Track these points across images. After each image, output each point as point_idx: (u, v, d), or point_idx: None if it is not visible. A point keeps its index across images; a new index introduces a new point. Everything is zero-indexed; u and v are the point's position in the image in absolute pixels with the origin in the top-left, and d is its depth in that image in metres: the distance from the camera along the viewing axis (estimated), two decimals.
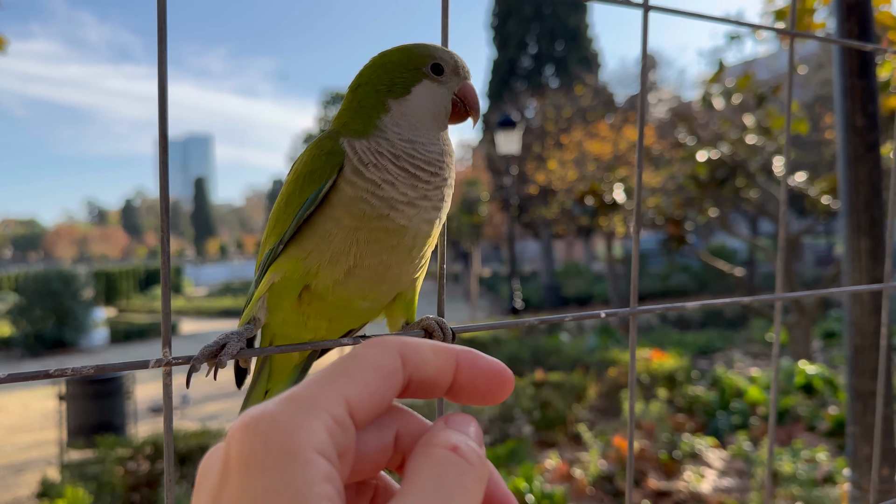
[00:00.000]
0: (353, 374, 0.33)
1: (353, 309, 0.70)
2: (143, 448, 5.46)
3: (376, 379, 0.33)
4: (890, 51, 0.90)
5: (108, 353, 15.78)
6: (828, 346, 10.32)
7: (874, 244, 2.48)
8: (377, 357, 0.34)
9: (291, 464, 0.28)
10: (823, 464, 4.88)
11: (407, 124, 0.66)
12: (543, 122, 18.33)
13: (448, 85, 0.67)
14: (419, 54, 0.66)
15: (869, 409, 2.50)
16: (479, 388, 0.37)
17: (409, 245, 0.66)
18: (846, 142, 2.55)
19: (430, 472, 0.31)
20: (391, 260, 0.66)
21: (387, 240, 0.65)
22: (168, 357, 0.54)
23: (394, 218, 0.64)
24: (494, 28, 27.17)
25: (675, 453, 5.33)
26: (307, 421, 0.30)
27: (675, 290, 20.22)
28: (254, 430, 0.29)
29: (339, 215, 0.64)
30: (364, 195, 0.64)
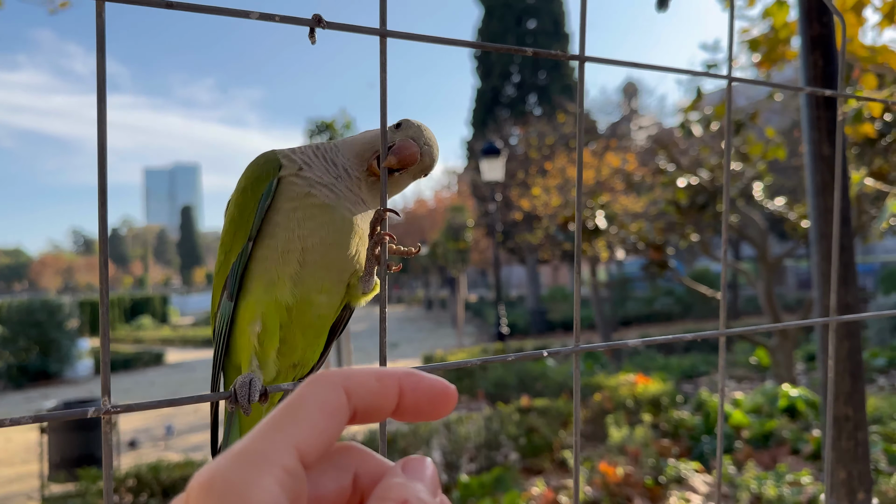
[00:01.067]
0: (300, 418, 0.33)
1: (315, 307, 0.79)
2: (125, 481, 5.40)
3: (322, 419, 0.33)
4: (839, 94, 0.95)
5: (92, 384, 15.60)
6: (810, 370, 10.37)
7: (844, 270, 2.54)
8: (321, 396, 0.34)
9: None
10: (807, 487, 4.90)
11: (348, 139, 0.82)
12: (527, 150, 18.48)
13: (395, 135, 0.79)
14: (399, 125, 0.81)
15: (844, 433, 2.54)
16: (423, 407, 0.38)
17: (339, 225, 0.77)
18: (814, 170, 2.62)
19: None
20: (330, 238, 0.77)
21: (320, 216, 0.76)
22: (107, 405, 0.54)
23: (316, 195, 0.77)
24: (478, 58, 27.46)
25: (661, 478, 5.34)
26: (259, 478, 0.30)
27: (659, 314, 20.29)
28: (209, 489, 0.30)
29: (280, 203, 0.77)
30: (292, 178, 0.77)
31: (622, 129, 21.48)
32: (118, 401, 0.57)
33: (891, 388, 8.85)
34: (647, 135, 16.55)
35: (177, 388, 13.86)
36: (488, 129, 23.98)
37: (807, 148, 2.63)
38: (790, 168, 12.72)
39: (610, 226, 8.81)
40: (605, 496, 5.08)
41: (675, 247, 9.41)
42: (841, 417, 2.52)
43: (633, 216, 10.92)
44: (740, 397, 7.48)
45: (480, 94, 27.04)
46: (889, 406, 6.77)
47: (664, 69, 0.69)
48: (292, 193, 0.77)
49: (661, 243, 8.21)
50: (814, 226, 2.62)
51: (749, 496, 4.90)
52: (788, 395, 6.89)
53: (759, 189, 7.98)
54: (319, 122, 12.66)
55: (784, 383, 7.43)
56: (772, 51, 4.25)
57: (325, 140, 9.09)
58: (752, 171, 7.89)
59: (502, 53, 26.70)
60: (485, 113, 26.33)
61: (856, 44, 3.91)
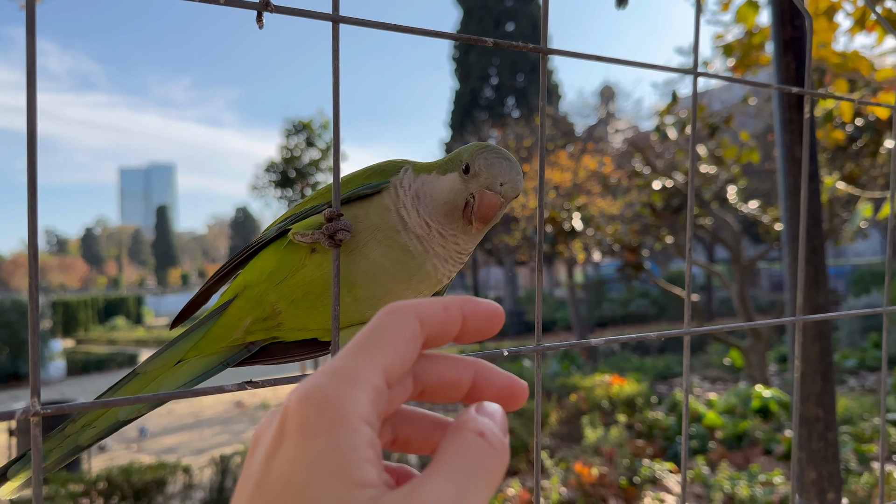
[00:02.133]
0: (384, 343, 0.37)
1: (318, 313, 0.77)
2: (96, 483, 5.31)
3: (402, 345, 0.38)
4: (807, 92, 0.95)
5: (64, 386, 15.38)
6: (783, 371, 10.49)
7: (815, 272, 2.55)
8: (400, 324, 0.38)
9: (340, 431, 0.33)
10: (779, 487, 4.95)
11: (428, 189, 0.75)
12: None
13: (469, 185, 0.72)
14: (467, 152, 0.74)
15: (814, 434, 2.55)
16: (482, 327, 0.42)
17: (412, 271, 0.74)
18: (786, 173, 2.64)
19: (458, 452, 0.36)
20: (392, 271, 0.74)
21: (394, 250, 0.73)
22: (36, 407, 0.51)
23: (405, 238, 0.73)
24: (456, 60, 27.50)
25: (635, 479, 5.36)
26: (354, 392, 0.34)
27: (634, 315, 20.43)
28: (309, 401, 0.34)
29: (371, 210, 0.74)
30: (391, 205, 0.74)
31: (599, 132, 21.60)
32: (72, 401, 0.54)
33: (861, 389, 8.98)
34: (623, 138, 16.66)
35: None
36: (466, 131, 23.99)
37: (779, 150, 2.64)
38: (764, 172, 12.87)
39: (586, 228, 8.84)
40: (580, 497, 5.09)
41: (651, 249, 9.47)
42: (811, 418, 2.53)
43: (609, 218, 10.97)
44: (714, 398, 7.53)
45: (459, 96, 27.07)
46: (859, 407, 6.86)
47: (628, 63, 0.68)
48: (385, 217, 0.74)
49: (636, 245, 8.26)
50: (786, 228, 2.64)
51: (722, 496, 4.93)
52: (761, 396, 6.95)
53: (733, 192, 8.05)
54: (297, 123, 12.61)
55: (757, 384, 7.50)
56: (745, 56, 4.29)
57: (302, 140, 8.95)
58: (727, 174, 7.97)
59: (481, 55, 26.75)
60: (463, 115, 26.36)
61: (828, 49, 3.95)
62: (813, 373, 2.54)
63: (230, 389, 0.57)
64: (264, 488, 0.34)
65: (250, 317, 0.77)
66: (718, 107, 10.34)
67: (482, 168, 0.71)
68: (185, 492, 5.59)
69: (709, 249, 20.14)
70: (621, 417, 6.70)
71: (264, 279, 0.76)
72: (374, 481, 0.33)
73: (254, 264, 0.79)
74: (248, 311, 0.77)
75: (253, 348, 0.82)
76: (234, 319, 0.78)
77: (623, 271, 8.46)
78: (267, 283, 0.75)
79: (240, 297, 0.78)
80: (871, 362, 10.36)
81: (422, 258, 0.74)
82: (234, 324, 0.78)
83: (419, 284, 0.76)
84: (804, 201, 0.87)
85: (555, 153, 15.07)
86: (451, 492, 0.34)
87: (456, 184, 0.73)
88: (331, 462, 0.33)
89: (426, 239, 0.73)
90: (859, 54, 3.92)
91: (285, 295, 0.75)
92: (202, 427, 9.93)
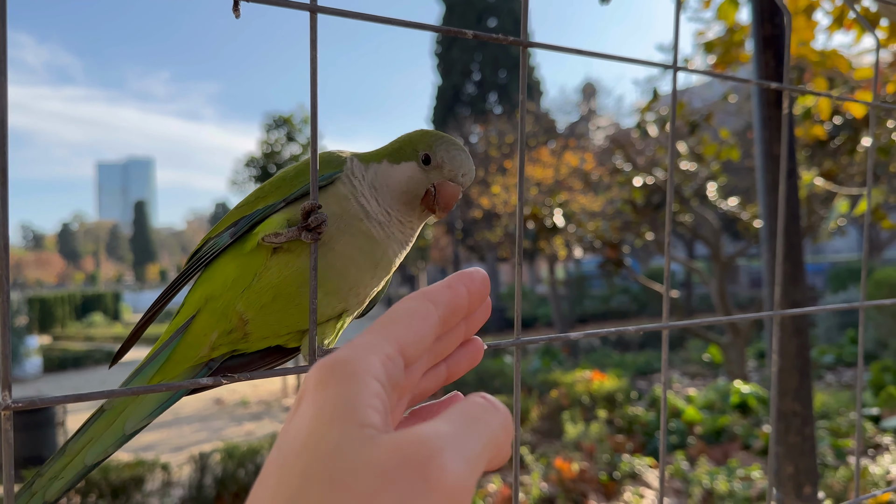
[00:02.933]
0: (395, 321, 0.41)
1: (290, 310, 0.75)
2: None
3: (415, 321, 0.41)
4: (785, 87, 0.95)
5: (40, 383, 15.20)
6: (762, 366, 10.59)
7: (792, 268, 2.57)
8: (409, 305, 0.42)
9: (349, 382, 0.36)
10: (758, 481, 5.00)
11: (384, 179, 0.75)
12: (487, 148, 18.52)
13: (430, 175, 0.74)
14: (423, 142, 0.75)
15: (791, 428, 2.57)
16: (482, 293, 0.47)
17: (377, 259, 0.74)
18: (765, 169, 2.66)
19: (459, 407, 0.39)
20: (359, 260, 0.73)
21: (359, 239, 0.73)
22: (7, 401, 0.50)
23: (368, 226, 0.73)
24: (439, 55, 27.46)
25: (615, 474, 5.39)
26: (366, 355, 0.38)
27: (615, 311, 20.53)
28: (324, 364, 0.38)
29: (329, 200, 0.73)
30: (349, 194, 0.74)
31: (580, 128, 21.67)
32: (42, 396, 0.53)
33: (838, 385, 9.09)
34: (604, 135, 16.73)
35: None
36: (449, 127, 23.98)
37: (758, 147, 2.66)
38: (743, 169, 12.98)
39: (568, 224, 8.87)
40: (561, 492, 5.11)
41: (631, 245, 9.52)
42: (789, 413, 2.56)
43: (590, 215, 11.02)
44: (693, 394, 7.59)
45: (441, 92, 27.04)
46: (836, 402, 6.94)
47: (608, 57, 0.68)
48: (346, 206, 0.74)
49: (617, 242, 8.30)
50: (765, 224, 2.66)
51: (701, 491, 4.97)
52: (740, 392, 7.01)
53: (713, 189, 8.11)
54: (277, 117, 12.52)
55: (736, 380, 7.57)
56: (726, 53, 4.32)
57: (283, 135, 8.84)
58: (707, 171, 8.02)
59: (463, 51, 26.73)
60: (445, 110, 26.34)
61: (807, 48, 3.98)
62: (791, 368, 2.57)
63: (206, 383, 0.56)
64: (281, 445, 0.36)
65: (216, 330, 0.75)
66: (699, 104, 10.42)
67: (445, 160, 0.73)
68: (164, 489, 5.54)
69: (689, 246, 20.29)
70: (601, 413, 6.73)
71: (227, 289, 0.73)
72: (376, 424, 0.35)
73: (211, 276, 0.76)
74: (213, 324, 0.75)
75: (213, 365, 0.79)
76: (199, 336, 0.76)
77: (604, 268, 8.49)
78: (231, 293, 0.73)
79: (203, 312, 0.75)
80: (849, 358, 10.49)
81: (384, 244, 0.74)
82: (200, 340, 0.76)
83: (382, 272, 0.76)
84: (782, 196, 0.87)
85: (537, 150, 15.11)
86: (447, 431, 0.35)
87: (415, 173, 0.74)
88: (337, 406, 0.35)
89: (387, 225, 0.74)
90: (838, 53, 3.95)
91: (253, 302, 0.72)
92: (181, 424, 9.85)
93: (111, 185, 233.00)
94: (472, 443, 0.36)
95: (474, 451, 0.36)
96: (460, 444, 0.35)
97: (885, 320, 9.97)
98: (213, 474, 5.60)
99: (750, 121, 14.65)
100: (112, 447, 0.75)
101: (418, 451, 0.34)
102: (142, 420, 0.76)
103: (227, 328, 0.75)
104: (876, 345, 10.24)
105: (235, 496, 5.50)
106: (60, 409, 7.09)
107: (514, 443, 0.61)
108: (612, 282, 22.06)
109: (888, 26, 3.31)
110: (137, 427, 0.77)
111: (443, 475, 0.33)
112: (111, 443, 0.75)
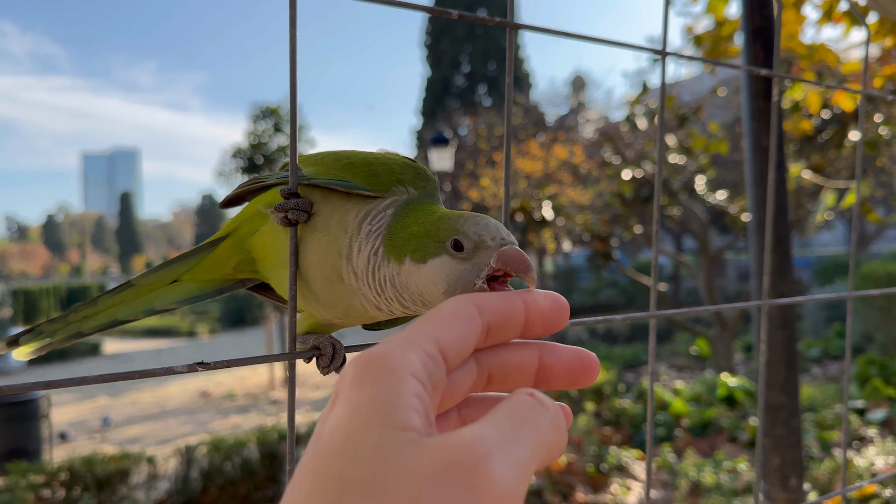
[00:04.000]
0: (437, 320, 0.40)
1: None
2: (57, 474, 5.21)
3: (456, 322, 0.40)
4: (775, 74, 0.93)
5: (25, 375, 15.11)
6: (748, 359, 10.66)
7: (780, 261, 2.58)
8: (453, 306, 0.41)
9: (387, 380, 0.35)
10: (744, 474, 5.02)
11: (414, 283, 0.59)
12: (476, 140, 18.50)
13: (473, 261, 0.56)
14: (443, 229, 0.58)
15: (778, 420, 2.58)
16: (549, 317, 0.44)
17: (340, 296, 0.65)
18: (754, 161, 2.66)
19: (505, 407, 0.37)
20: (322, 286, 0.66)
21: (325, 268, 0.64)
22: None
23: (342, 265, 0.64)
24: (428, 46, 27.39)
25: (602, 466, 5.40)
26: (404, 351, 0.37)
27: (603, 304, 20.61)
28: (359, 360, 0.37)
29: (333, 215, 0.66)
30: (348, 228, 0.64)
31: (570, 121, 21.68)
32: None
33: (824, 378, 9.15)
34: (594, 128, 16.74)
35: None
36: (437, 119, 23.94)
37: (747, 139, 2.66)
38: (731, 162, 13.02)
39: (557, 217, 8.87)
40: (549, 484, 5.12)
41: (620, 238, 9.53)
42: (775, 405, 2.56)
43: (579, 208, 11.03)
44: (680, 386, 7.63)
45: (430, 84, 26.98)
46: (822, 395, 6.99)
47: (596, 40, 0.66)
48: (338, 234, 0.63)
49: (605, 235, 8.30)
50: (753, 216, 2.66)
51: (688, 483, 4.99)
52: (727, 385, 7.05)
53: (701, 183, 8.13)
54: (264, 108, 12.45)
55: (723, 373, 7.60)
56: (715, 47, 4.32)
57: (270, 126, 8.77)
58: (695, 164, 8.03)
59: (452, 42, 26.68)
60: (434, 102, 26.29)
61: (795, 41, 3.98)
62: (778, 360, 2.57)
63: (180, 370, 0.55)
64: (317, 445, 0.35)
65: (236, 258, 0.75)
66: (688, 98, 10.43)
67: (477, 234, 0.56)
68: (150, 482, 5.51)
69: (677, 239, 20.36)
70: (589, 405, 6.75)
71: (245, 228, 0.73)
72: (417, 427, 0.34)
73: (248, 207, 0.74)
74: (234, 252, 0.75)
75: (248, 283, 0.79)
76: (222, 257, 0.76)
77: (593, 261, 8.51)
78: (247, 230, 0.73)
79: (231, 236, 0.75)
80: (835, 351, 10.57)
81: (353, 290, 0.64)
82: (223, 261, 0.76)
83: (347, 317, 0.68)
84: (771, 185, 0.86)
85: (526, 142, 15.10)
86: (492, 435, 0.34)
87: (453, 269, 0.56)
88: (375, 407, 0.34)
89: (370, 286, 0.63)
90: (826, 46, 3.96)
91: (257, 248, 0.72)
92: (167, 417, 9.81)
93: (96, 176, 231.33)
94: (520, 446, 0.34)
95: (523, 455, 0.34)
96: (508, 448, 0.34)
97: (871, 314, 10.05)
98: (200, 467, 5.57)
99: (738, 115, 14.70)
100: (142, 314, 0.75)
101: (463, 457, 0.32)
102: (169, 304, 0.76)
103: (246, 258, 0.74)
104: (862, 338, 10.33)
105: (221, 489, 5.47)
106: (44, 401, 7.03)
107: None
108: (601, 275, 22.14)
109: (876, 21, 3.32)
110: (165, 307, 0.76)
111: (490, 482, 0.32)
112: (141, 310, 0.75)
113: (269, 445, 5.70)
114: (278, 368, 11.74)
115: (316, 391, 10.99)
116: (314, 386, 11.39)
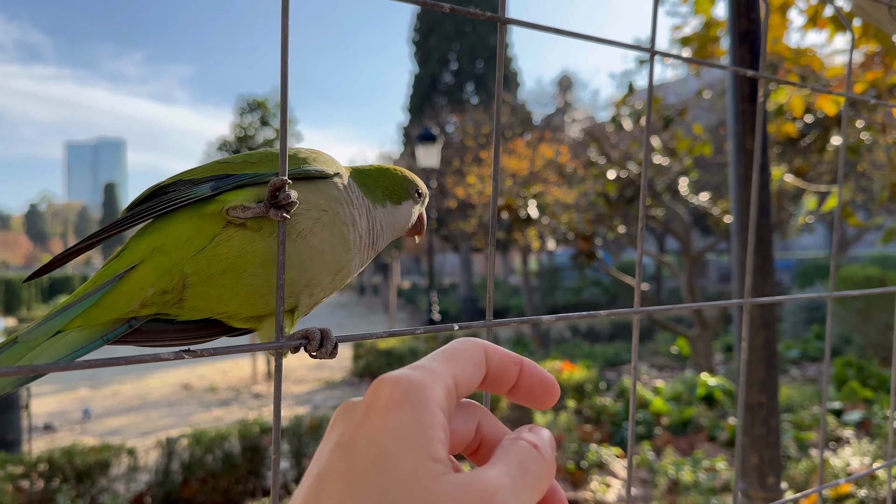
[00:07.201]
0: (459, 359, 0.43)
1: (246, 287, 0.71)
2: (36, 465, 5.17)
3: (470, 365, 0.43)
4: (761, 75, 0.95)
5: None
6: (728, 359, 10.75)
7: (762, 262, 2.60)
8: (471, 349, 0.44)
9: (422, 410, 0.38)
10: (722, 472, 5.07)
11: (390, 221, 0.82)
12: (463, 138, 18.51)
13: (420, 202, 0.87)
14: (409, 180, 0.85)
15: (757, 419, 2.61)
16: (535, 390, 0.48)
17: (342, 265, 0.74)
18: (737, 163, 2.68)
19: (515, 455, 0.40)
20: (327, 259, 0.72)
21: (336, 240, 0.71)
22: None
23: (349, 232, 0.73)
24: (416, 43, 27.33)
25: (582, 463, 5.44)
26: (434, 384, 0.39)
27: (586, 303, 20.71)
28: (396, 384, 0.39)
29: (318, 195, 0.71)
30: (342, 199, 0.73)
31: (556, 121, 21.74)
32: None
33: (802, 379, 9.25)
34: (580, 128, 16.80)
35: (94, 372, 13.39)
36: (425, 116, 23.91)
37: (731, 141, 2.68)
38: (715, 165, 13.12)
39: (542, 216, 8.90)
40: None
41: (604, 238, 9.58)
42: (755, 404, 2.59)
43: (564, 207, 11.07)
44: (661, 385, 7.68)
45: (418, 81, 26.92)
46: (800, 395, 7.07)
47: (585, 37, 0.67)
48: (335, 207, 0.72)
49: (589, 234, 8.34)
50: (735, 217, 2.68)
51: (667, 481, 5.03)
52: (707, 384, 7.10)
53: (684, 184, 8.18)
54: (251, 101, 12.39)
55: (703, 372, 7.66)
56: (702, 48, 4.35)
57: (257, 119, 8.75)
58: (679, 166, 8.09)
59: (441, 39, 26.63)
60: (422, 99, 26.24)
61: (780, 45, 4.02)
62: (758, 360, 2.60)
63: (167, 357, 0.55)
64: (350, 448, 0.38)
65: (154, 287, 0.68)
66: (673, 100, 10.49)
67: (423, 185, 0.86)
68: (130, 474, 5.48)
69: (659, 240, 20.49)
70: (570, 403, 6.78)
71: (180, 246, 0.67)
72: (444, 460, 0.37)
73: (167, 226, 0.69)
74: (153, 280, 0.68)
75: (135, 324, 0.72)
76: (135, 288, 0.69)
77: (576, 260, 8.54)
78: (183, 252, 0.67)
79: (146, 263, 0.68)
80: (813, 353, 10.69)
81: (353, 254, 0.75)
82: (135, 293, 0.69)
83: (341, 281, 0.75)
84: (755, 185, 0.87)
85: (512, 141, 15.13)
86: (507, 484, 0.38)
87: (415, 211, 0.85)
88: (412, 433, 0.37)
89: (365, 242, 0.77)
90: (811, 51, 4.00)
91: (202, 268, 0.67)
92: (148, 409, 9.75)
93: (81, 166, 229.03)
94: (525, 495, 0.38)
95: (527, 502, 0.39)
96: (517, 497, 0.38)
97: (849, 316, 10.16)
98: (181, 460, 5.54)
99: (723, 118, 14.81)
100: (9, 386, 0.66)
101: (484, 500, 0.36)
102: (52, 363, 0.66)
103: (166, 288, 0.68)
104: (840, 341, 10.44)
105: (202, 482, 5.45)
106: (24, 393, 6.97)
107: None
108: (584, 274, 22.25)
109: (860, 27, 3.35)
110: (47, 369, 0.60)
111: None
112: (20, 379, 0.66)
113: (250, 439, 5.68)
114: (261, 362, 11.71)
115: (298, 385, 10.97)
116: (297, 380, 11.37)
